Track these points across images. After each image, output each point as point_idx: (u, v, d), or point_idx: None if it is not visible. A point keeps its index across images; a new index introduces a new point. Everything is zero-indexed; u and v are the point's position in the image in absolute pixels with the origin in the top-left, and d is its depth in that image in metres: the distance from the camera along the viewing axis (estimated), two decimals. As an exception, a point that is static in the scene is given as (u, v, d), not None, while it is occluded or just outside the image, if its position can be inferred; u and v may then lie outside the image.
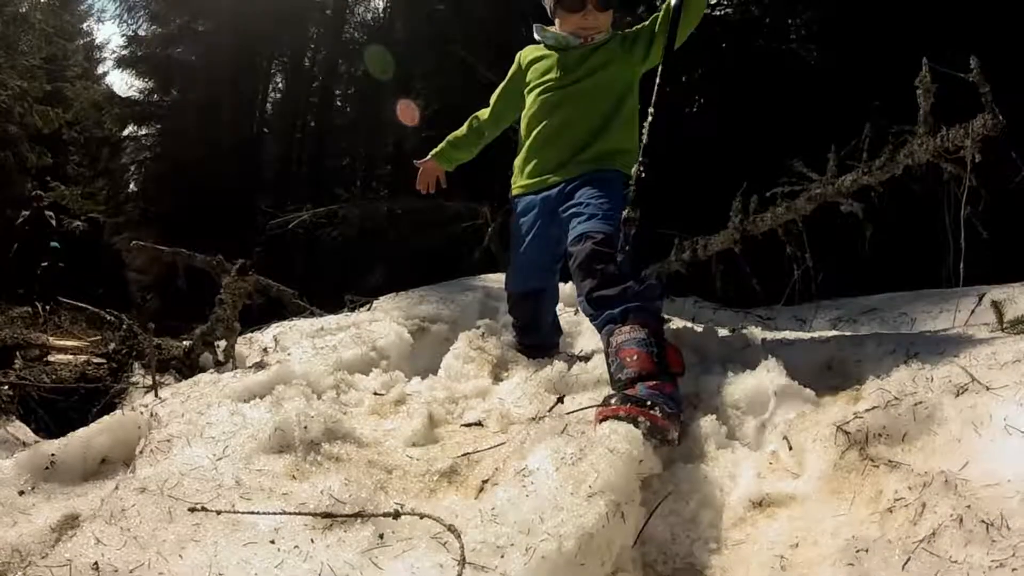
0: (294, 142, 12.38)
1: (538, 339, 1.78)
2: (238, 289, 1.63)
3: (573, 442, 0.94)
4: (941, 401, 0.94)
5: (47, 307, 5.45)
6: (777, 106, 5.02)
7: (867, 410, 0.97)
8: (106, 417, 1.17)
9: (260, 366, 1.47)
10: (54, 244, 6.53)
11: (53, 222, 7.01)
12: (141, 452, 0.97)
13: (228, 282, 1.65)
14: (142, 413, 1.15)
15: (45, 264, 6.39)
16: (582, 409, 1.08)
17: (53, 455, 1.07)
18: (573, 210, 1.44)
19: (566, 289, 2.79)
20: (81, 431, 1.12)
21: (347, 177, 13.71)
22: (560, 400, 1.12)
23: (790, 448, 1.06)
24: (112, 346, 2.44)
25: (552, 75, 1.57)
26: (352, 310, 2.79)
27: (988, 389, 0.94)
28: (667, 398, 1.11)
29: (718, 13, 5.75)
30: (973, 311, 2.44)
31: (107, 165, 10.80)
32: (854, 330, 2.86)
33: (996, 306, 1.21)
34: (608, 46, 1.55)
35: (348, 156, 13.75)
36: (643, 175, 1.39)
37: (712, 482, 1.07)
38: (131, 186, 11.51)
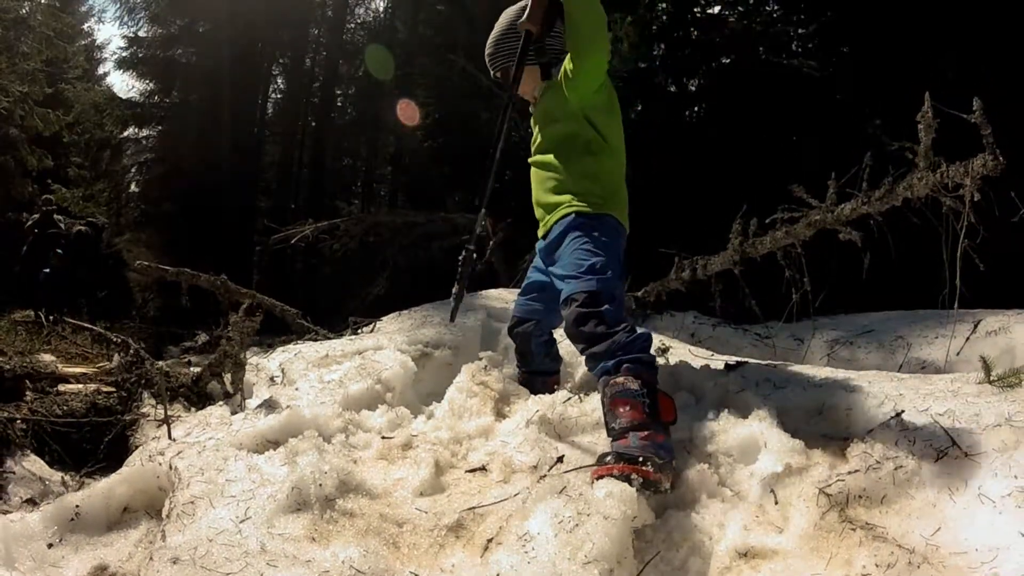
0: (294, 143, 12.39)
1: (532, 367, 1.85)
2: (246, 328, 1.68)
3: (571, 504, 0.99)
4: (920, 466, 1.00)
5: (51, 317, 5.48)
6: (776, 117, 5.04)
7: (850, 472, 1.03)
8: (125, 468, 1.22)
9: (270, 407, 1.52)
10: (58, 251, 6.56)
11: (62, 226, 7.04)
12: (168, 515, 1.02)
13: (236, 320, 1.70)
14: (160, 464, 1.20)
15: (47, 270, 6.41)
16: (580, 468, 1.14)
17: (77, 506, 1.12)
18: (555, 270, 1.52)
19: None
20: (102, 482, 1.17)
21: (348, 177, 13.75)
22: (560, 459, 1.17)
23: (776, 502, 1.12)
24: (116, 358, 2.49)
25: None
26: (355, 332, 2.85)
27: (967, 455, 0.99)
28: (659, 448, 1.17)
29: (721, 13, 5.76)
30: (968, 339, 2.49)
31: (108, 167, 10.81)
32: (851, 352, 2.91)
33: (984, 361, 1.25)
34: (550, 93, 1.60)
35: (349, 156, 13.77)
36: (474, 255, 1.48)
37: (702, 530, 1.13)
38: (132, 187, 11.53)
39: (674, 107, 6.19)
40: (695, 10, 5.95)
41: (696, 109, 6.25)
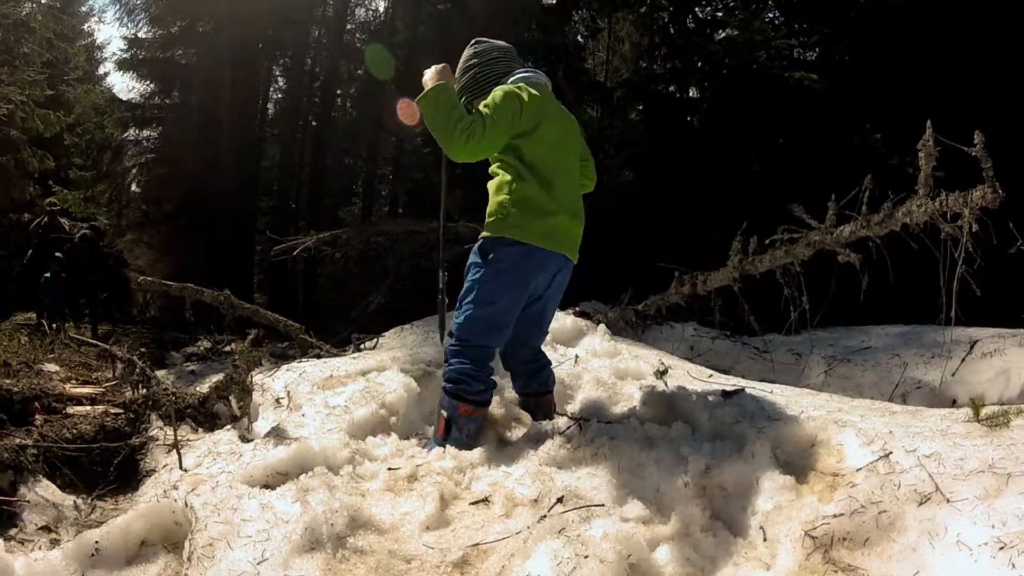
0: (295, 143, 12.39)
1: (521, 387, 1.94)
2: (251, 357, 1.73)
3: (570, 546, 1.04)
4: (903, 510, 1.04)
5: (53, 324, 5.50)
6: (776, 126, 5.07)
7: (835, 516, 1.08)
8: (141, 504, 1.27)
9: (278, 436, 1.57)
10: (58, 255, 6.55)
11: (67, 226, 7.06)
12: (189, 558, 1.07)
13: (242, 349, 1.75)
14: (176, 500, 1.25)
15: (48, 275, 6.42)
16: (578, 508, 1.18)
17: (97, 542, 1.17)
18: None
19: (568, 322, 2.88)
20: (120, 519, 1.22)
21: (349, 177, 13.75)
22: (560, 500, 1.22)
23: (765, 539, 1.17)
24: (119, 368, 2.53)
25: None
26: (359, 348, 2.89)
27: (948, 501, 1.03)
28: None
29: (722, 19, 5.76)
30: (963, 360, 2.53)
31: (108, 168, 10.82)
32: (848, 370, 2.94)
33: (974, 402, 1.29)
34: None
35: (349, 156, 13.77)
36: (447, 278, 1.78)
37: (694, 564, 1.18)
38: (133, 188, 11.54)
39: (675, 111, 6.21)
40: (695, 10, 5.97)
41: (697, 114, 6.27)
